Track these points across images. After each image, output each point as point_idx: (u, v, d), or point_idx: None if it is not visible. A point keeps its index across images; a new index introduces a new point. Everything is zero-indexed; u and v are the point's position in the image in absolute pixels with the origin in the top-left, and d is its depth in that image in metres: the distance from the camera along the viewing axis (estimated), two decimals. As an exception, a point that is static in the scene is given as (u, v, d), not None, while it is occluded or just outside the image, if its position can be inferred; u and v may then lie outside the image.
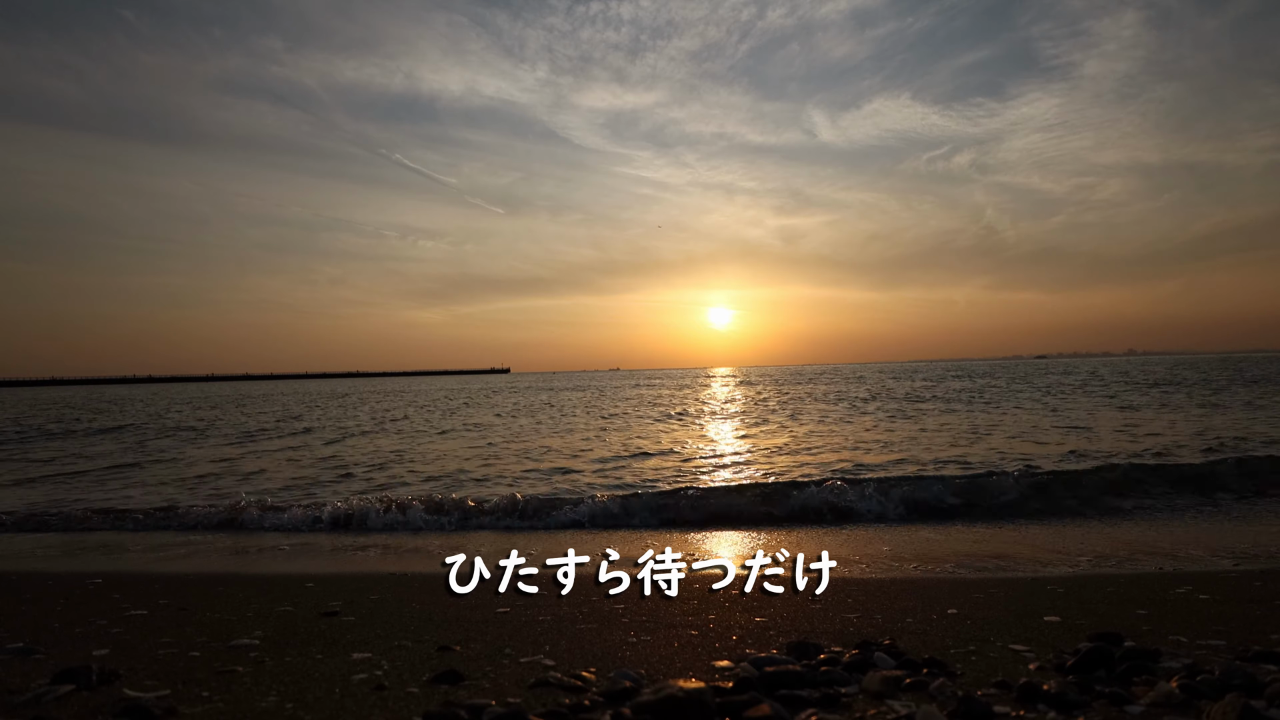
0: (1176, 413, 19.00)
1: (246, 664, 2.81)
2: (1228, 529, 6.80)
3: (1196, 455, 11.12)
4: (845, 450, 13.56)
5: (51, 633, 3.40)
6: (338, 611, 3.83)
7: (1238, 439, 13.05)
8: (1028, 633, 3.20)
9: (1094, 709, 2.18)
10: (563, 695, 2.36)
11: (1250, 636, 3.06)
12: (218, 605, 4.06)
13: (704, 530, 7.57)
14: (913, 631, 3.27)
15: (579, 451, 14.66)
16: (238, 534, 7.72)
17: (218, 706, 2.31)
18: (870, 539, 6.73)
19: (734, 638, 3.21)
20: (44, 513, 8.87)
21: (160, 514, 8.62)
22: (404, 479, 11.48)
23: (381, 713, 2.25)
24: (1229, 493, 8.44)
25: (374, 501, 8.35)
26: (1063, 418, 18.36)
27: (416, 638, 3.25)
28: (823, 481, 8.74)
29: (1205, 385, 30.59)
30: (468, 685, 2.51)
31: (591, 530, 7.70)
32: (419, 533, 7.69)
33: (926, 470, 10.50)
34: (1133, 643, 2.81)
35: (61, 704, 2.30)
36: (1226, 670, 2.36)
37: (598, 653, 2.97)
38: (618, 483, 10.69)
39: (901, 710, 2.16)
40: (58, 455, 15.97)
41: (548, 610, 3.86)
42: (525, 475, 11.60)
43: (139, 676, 2.62)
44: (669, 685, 2.18)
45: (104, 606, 4.04)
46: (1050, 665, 2.65)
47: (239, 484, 11.28)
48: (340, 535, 7.59)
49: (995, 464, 10.82)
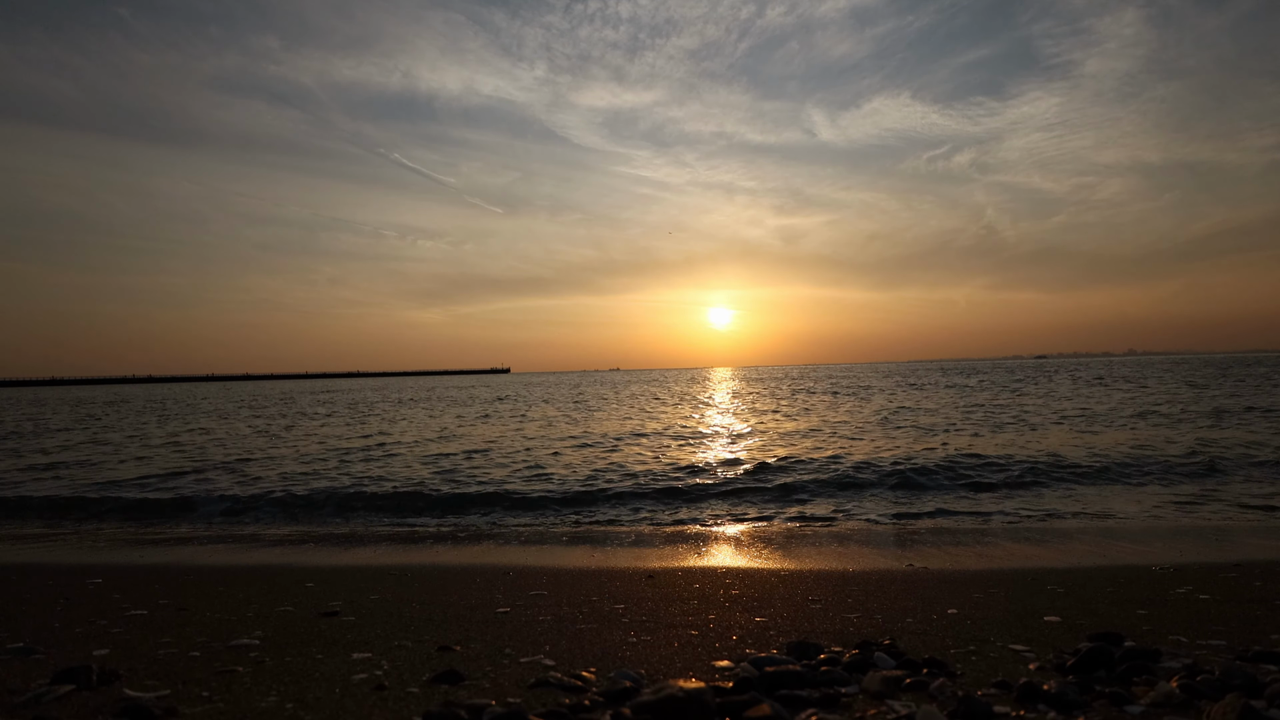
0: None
1: (246, 664, 2.81)
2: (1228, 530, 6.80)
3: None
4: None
5: (51, 633, 3.40)
6: (338, 611, 3.83)
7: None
8: (1028, 633, 3.20)
9: (1094, 709, 2.17)
10: (563, 695, 2.36)
11: (1250, 636, 3.06)
12: (218, 605, 4.07)
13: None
14: (913, 631, 3.27)
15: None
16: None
17: (218, 706, 2.31)
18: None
19: (734, 638, 3.21)
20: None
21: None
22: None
23: (382, 713, 2.25)
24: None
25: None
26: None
27: (416, 638, 3.25)
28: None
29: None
30: (468, 685, 2.51)
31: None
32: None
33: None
34: (1133, 643, 2.81)
35: (61, 704, 2.31)
36: (1226, 670, 2.36)
37: (598, 653, 2.97)
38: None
39: (901, 710, 2.16)
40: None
41: (548, 610, 3.86)
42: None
43: (139, 676, 2.62)
44: (669, 685, 2.18)
45: (104, 606, 4.04)
46: (1050, 665, 2.65)
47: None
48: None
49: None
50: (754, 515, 8.17)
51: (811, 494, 9.35)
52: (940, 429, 16.47)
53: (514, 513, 8.73)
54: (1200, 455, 11.23)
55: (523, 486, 10.14)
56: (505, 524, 8.04)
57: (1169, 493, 8.85)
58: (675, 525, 7.79)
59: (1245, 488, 9.02)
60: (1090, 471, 10.20)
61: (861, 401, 26.80)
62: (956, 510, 8.13)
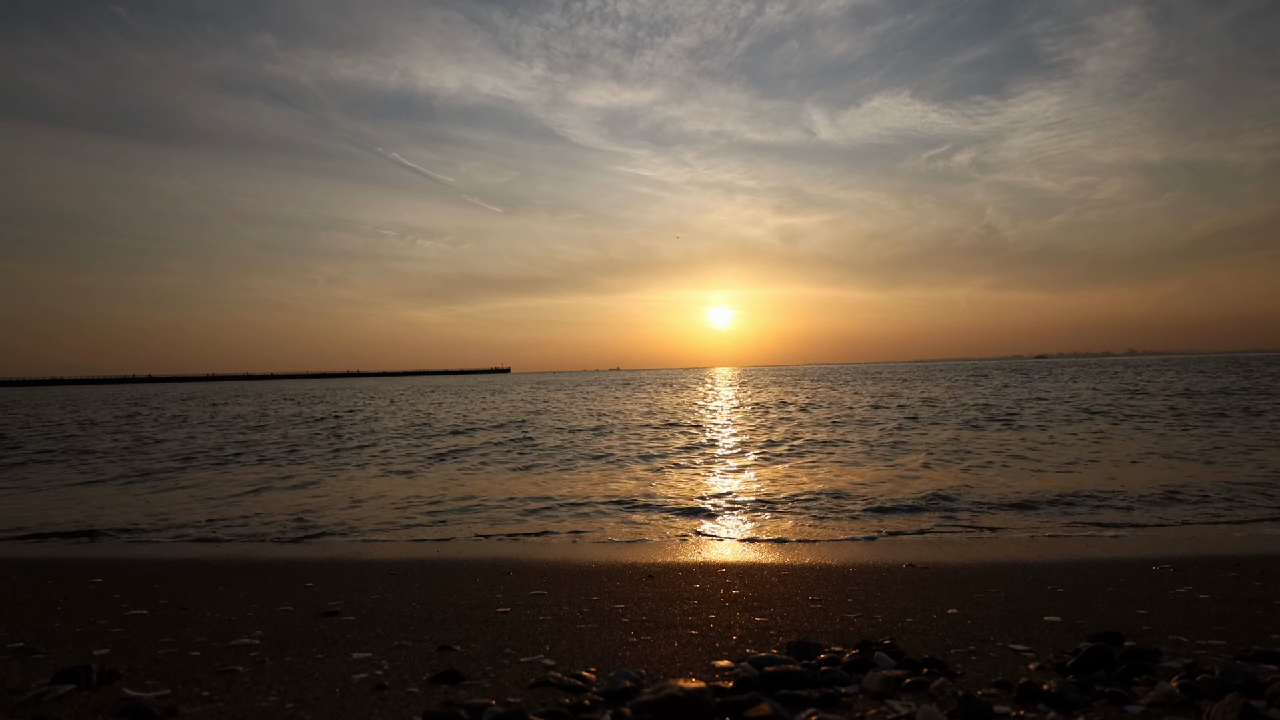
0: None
1: (247, 664, 2.81)
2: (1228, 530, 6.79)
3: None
4: None
5: (52, 632, 3.41)
6: (338, 611, 3.84)
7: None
8: (1028, 633, 3.20)
9: (1094, 709, 2.17)
10: (563, 695, 2.36)
11: (1250, 636, 3.06)
12: (218, 605, 4.07)
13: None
14: (913, 631, 3.27)
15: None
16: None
17: (218, 706, 2.31)
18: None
19: (734, 637, 3.21)
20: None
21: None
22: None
23: (382, 713, 2.25)
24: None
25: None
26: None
27: (416, 637, 3.25)
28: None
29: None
30: (468, 685, 2.51)
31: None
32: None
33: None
34: (1133, 643, 2.81)
35: (62, 704, 2.31)
36: (1226, 670, 2.36)
37: (598, 652, 2.97)
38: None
39: (902, 710, 2.16)
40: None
41: (548, 610, 3.86)
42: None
43: (139, 676, 2.62)
44: (669, 685, 2.18)
45: (104, 606, 4.04)
46: (1050, 665, 2.65)
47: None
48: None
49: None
50: (754, 515, 8.16)
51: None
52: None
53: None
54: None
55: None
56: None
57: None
58: (675, 525, 7.79)
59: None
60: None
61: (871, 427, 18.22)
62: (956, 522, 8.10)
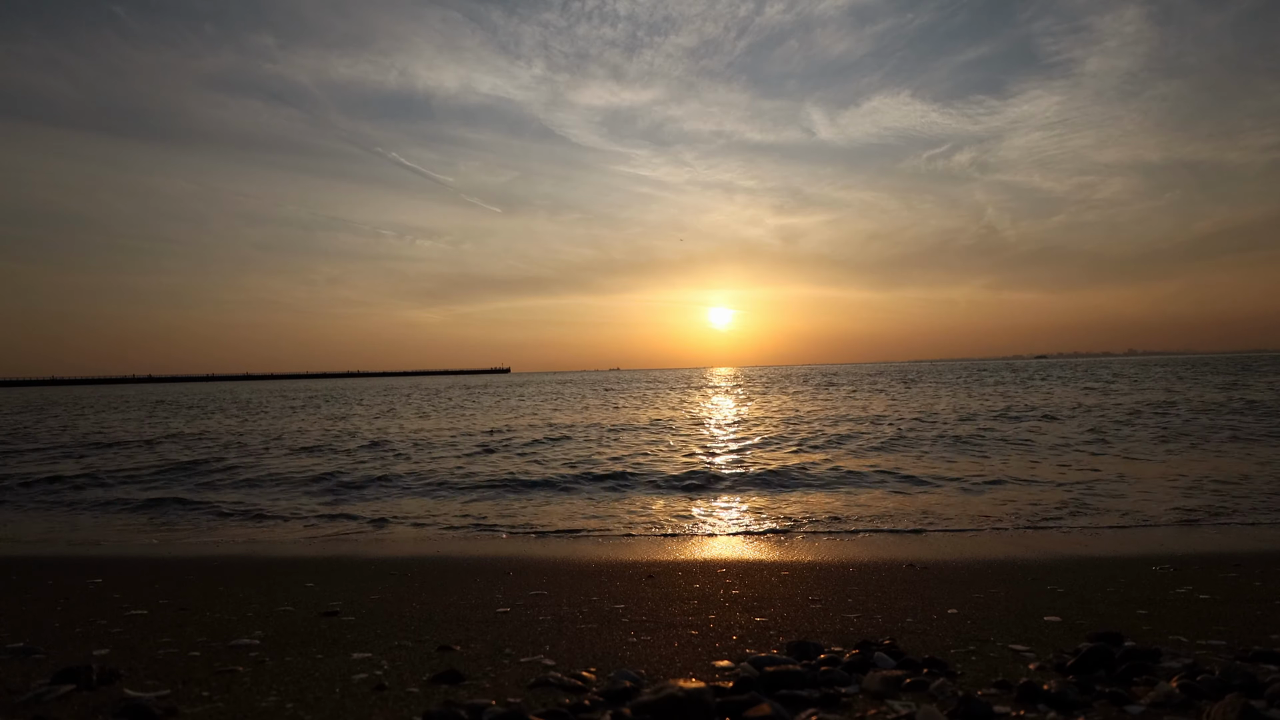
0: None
1: (246, 664, 2.81)
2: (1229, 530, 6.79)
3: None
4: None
5: (52, 632, 3.41)
6: (338, 611, 3.84)
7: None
8: (1028, 633, 3.20)
9: (1094, 709, 2.18)
10: (563, 695, 2.36)
11: (1250, 636, 3.06)
12: (218, 605, 4.07)
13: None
14: (913, 631, 3.27)
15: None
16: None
17: (218, 706, 2.31)
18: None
19: (734, 637, 3.21)
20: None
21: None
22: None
23: (382, 713, 2.25)
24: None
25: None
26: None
27: (416, 638, 3.25)
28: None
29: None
30: (468, 685, 2.51)
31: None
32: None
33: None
34: (1133, 643, 2.81)
35: (62, 704, 2.31)
36: (1226, 670, 2.36)
37: (598, 653, 2.97)
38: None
39: (902, 710, 2.16)
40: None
41: (548, 610, 3.86)
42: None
43: (139, 676, 2.62)
44: (669, 685, 2.18)
45: (104, 606, 4.04)
46: (1050, 665, 2.65)
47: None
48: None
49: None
50: (754, 516, 8.16)
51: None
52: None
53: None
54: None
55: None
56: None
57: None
58: (677, 525, 7.79)
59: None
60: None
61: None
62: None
